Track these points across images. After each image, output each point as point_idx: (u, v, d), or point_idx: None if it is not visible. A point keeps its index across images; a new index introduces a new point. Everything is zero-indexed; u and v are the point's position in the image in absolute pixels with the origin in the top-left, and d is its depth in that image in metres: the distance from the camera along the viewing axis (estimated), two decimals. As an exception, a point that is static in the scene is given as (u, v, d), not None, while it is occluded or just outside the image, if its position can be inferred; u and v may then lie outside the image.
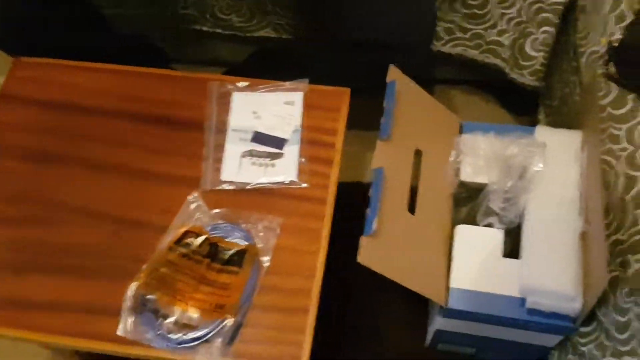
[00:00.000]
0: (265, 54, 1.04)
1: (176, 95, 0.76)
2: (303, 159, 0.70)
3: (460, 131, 0.84)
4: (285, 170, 0.69)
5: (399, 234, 0.71)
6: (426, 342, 0.93)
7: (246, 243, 0.64)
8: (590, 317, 0.68)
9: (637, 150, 0.68)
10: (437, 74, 1.16)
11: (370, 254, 0.65)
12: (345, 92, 0.74)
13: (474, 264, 0.73)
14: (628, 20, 0.76)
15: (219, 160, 0.71)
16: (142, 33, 1.10)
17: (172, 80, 0.77)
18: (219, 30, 1.11)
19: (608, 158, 0.70)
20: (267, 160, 0.70)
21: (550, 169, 0.73)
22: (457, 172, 0.79)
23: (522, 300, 0.70)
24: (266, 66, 1.00)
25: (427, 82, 1.19)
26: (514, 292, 0.71)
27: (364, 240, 0.64)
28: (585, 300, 0.67)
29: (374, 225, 0.66)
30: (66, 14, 0.92)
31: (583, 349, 0.70)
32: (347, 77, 0.87)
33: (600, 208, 0.65)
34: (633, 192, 0.66)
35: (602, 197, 0.67)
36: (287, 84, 0.75)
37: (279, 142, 0.71)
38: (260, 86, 0.75)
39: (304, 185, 0.68)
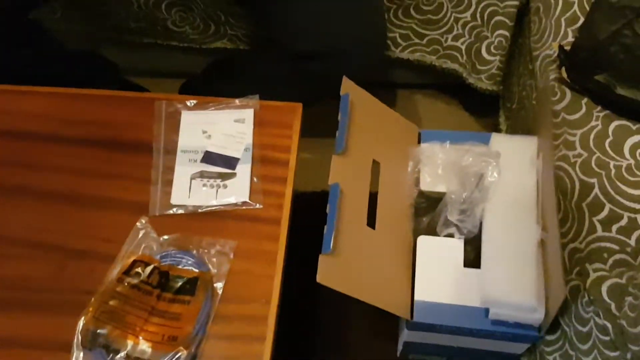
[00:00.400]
0: (222, 65, 1.02)
1: (123, 117, 0.73)
2: (255, 179, 0.68)
3: (419, 140, 0.83)
4: (237, 190, 0.67)
5: (359, 250, 0.69)
6: (397, 353, 0.92)
7: (198, 270, 0.62)
8: (554, 325, 0.67)
9: (591, 156, 0.68)
10: (398, 79, 1.15)
11: (330, 272, 0.63)
12: (297, 107, 0.72)
13: (436, 276, 0.72)
14: (580, 23, 0.76)
15: (168, 183, 0.68)
16: (92, 49, 1.07)
17: (118, 101, 0.75)
18: (174, 43, 1.09)
19: (563, 164, 0.70)
20: (219, 181, 0.68)
21: (506, 177, 0.73)
22: (416, 182, 0.78)
23: (486, 311, 0.69)
24: (222, 77, 0.98)
25: (388, 87, 1.19)
26: (478, 303, 0.70)
27: (322, 259, 0.63)
28: (547, 310, 0.66)
29: (332, 243, 0.64)
30: (9, 34, 0.88)
31: (549, 357, 0.69)
32: (302, 87, 0.86)
33: (556, 216, 0.65)
34: (589, 199, 0.66)
35: (557, 204, 0.66)
36: (237, 101, 0.73)
37: (230, 162, 0.69)
38: (210, 104, 0.73)
39: (258, 205, 0.66)
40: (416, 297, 0.72)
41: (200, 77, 1.07)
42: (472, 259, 0.73)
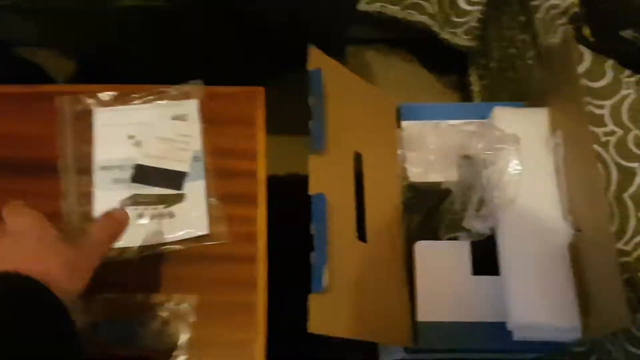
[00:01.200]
0: (135, 34, 0.78)
1: (12, 123, 0.51)
2: (213, 199, 0.49)
3: (399, 116, 0.67)
4: (189, 220, 0.48)
5: (352, 275, 0.54)
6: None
7: (145, 345, 0.44)
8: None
9: (627, 133, 0.56)
10: (348, 33, 0.98)
11: (323, 316, 0.49)
12: (258, 92, 0.53)
13: (441, 289, 0.60)
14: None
15: (86, 217, 0.48)
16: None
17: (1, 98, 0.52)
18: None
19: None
20: (161, 209, 0.49)
21: (522, 164, 0.59)
22: (404, 172, 0.63)
23: (504, 325, 0.56)
24: (134, 51, 0.74)
25: (336, 44, 1.01)
26: (494, 317, 0.58)
27: (313, 301, 0.47)
28: (586, 326, 0.54)
29: (324, 279, 0.48)
30: None
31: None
32: (254, 60, 0.66)
33: (604, 209, 0.51)
34: (632, 189, 0.54)
35: (599, 193, 0.52)
36: (173, 89, 0.53)
37: (174, 179, 0.50)
38: (134, 95, 0.53)
39: (221, 240, 0.48)
40: (419, 318, 0.58)
41: (101, 50, 0.81)
42: (481, 263, 0.60)
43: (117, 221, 0.41)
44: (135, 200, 0.49)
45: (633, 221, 0.53)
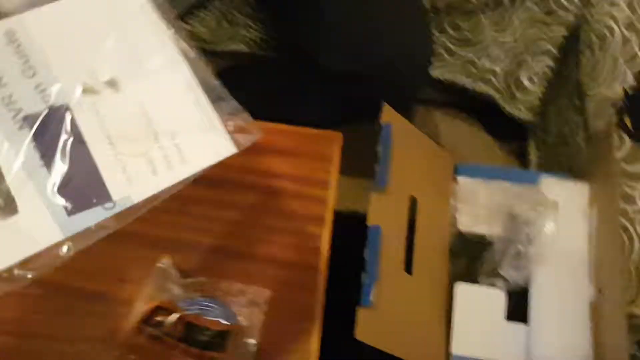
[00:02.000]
0: (235, 73, 0.92)
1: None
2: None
3: (455, 172, 0.77)
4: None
5: (397, 300, 0.63)
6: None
7: (228, 322, 0.55)
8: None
9: (654, 213, 0.63)
10: (418, 95, 1.09)
11: (369, 328, 0.58)
12: (337, 137, 0.64)
13: (475, 328, 0.67)
14: (641, 63, 0.71)
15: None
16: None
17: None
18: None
19: (621, 220, 0.65)
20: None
21: (558, 227, 0.67)
22: (453, 221, 0.72)
23: (528, 367, 0.64)
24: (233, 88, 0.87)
25: (406, 103, 1.12)
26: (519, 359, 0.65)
27: (361, 313, 0.57)
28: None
29: (372, 296, 0.58)
30: None
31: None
32: (333, 108, 0.78)
33: (618, 277, 0.59)
34: (652, 261, 0.61)
35: (620, 263, 0.61)
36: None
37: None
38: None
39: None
40: (454, 351, 0.66)
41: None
42: (512, 311, 0.68)
43: None
44: None
45: (649, 289, 0.60)
